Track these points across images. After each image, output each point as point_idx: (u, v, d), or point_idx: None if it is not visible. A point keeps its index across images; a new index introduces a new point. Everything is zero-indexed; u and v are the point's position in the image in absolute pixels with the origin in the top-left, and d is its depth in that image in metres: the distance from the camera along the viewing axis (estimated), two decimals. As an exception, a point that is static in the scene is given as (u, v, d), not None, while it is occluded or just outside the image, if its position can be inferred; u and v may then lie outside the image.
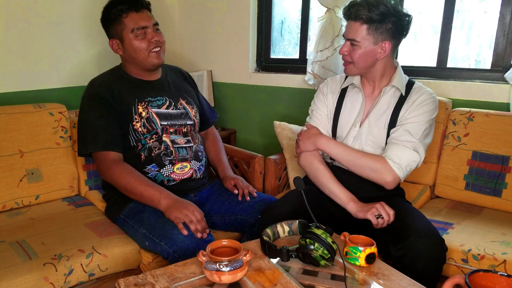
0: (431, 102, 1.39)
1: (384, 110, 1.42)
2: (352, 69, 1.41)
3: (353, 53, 1.37)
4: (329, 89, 1.53)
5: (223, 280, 1.00)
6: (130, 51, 1.50)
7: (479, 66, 1.96)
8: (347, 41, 1.38)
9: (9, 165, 1.63)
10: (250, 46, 2.43)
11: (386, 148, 1.38)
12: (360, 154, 1.40)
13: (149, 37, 1.49)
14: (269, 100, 2.42)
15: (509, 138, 1.61)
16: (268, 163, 1.88)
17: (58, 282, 1.25)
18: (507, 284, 0.89)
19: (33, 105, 1.74)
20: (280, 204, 1.44)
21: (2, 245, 1.35)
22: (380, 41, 1.34)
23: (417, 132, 1.36)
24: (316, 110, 1.54)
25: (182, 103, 1.63)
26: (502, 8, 1.74)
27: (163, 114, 1.55)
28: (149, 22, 1.50)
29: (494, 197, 1.62)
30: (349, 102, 1.49)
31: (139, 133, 1.51)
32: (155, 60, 1.52)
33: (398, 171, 1.33)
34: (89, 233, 1.44)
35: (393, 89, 1.42)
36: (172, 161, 1.53)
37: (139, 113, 1.51)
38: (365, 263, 1.10)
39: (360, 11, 1.31)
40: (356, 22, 1.33)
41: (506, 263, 1.25)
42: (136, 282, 1.02)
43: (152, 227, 1.36)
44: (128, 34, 1.48)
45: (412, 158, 1.34)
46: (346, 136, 1.47)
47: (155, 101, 1.56)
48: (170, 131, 1.55)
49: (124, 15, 1.47)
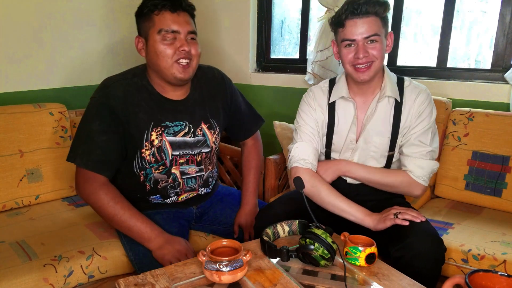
0: (429, 103, 1.35)
1: (382, 119, 1.37)
2: (374, 69, 1.29)
3: (375, 51, 1.27)
4: (316, 102, 1.43)
5: (223, 280, 1.00)
6: (152, 54, 1.28)
7: (479, 66, 1.96)
8: (361, 42, 1.26)
9: (9, 165, 1.63)
10: (250, 46, 2.43)
11: (405, 163, 1.36)
12: (383, 173, 1.38)
13: (178, 45, 1.26)
14: (269, 100, 2.42)
15: (509, 138, 1.61)
16: (268, 163, 1.88)
17: (57, 283, 1.25)
18: (507, 284, 0.89)
19: (33, 105, 1.74)
20: (276, 205, 1.42)
21: (2, 245, 1.35)
22: (387, 32, 1.31)
23: (426, 139, 1.34)
24: (304, 126, 1.43)
25: (203, 128, 1.43)
26: (502, 8, 1.74)
27: (177, 143, 1.37)
28: (183, 28, 1.27)
29: (494, 197, 1.62)
30: (341, 115, 1.41)
31: (146, 161, 1.35)
32: (178, 74, 1.28)
33: (424, 182, 1.34)
34: (90, 234, 1.44)
35: (387, 98, 1.36)
36: (178, 193, 1.43)
37: (151, 140, 1.33)
38: (365, 263, 1.10)
39: (371, 4, 1.24)
40: (369, 17, 1.25)
41: (506, 263, 1.24)
42: (136, 282, 1.02)
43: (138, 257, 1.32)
44: (154, 34, 1.26)
45: (433, 167, 1.35)
46: (343, 150, 1.42)
47: (172, 127, 1.36)
48: (180, 162, 1.39)
49: (156, 12, 1.25)
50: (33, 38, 1.92)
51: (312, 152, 1.41)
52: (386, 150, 1.39)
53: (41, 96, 1.96)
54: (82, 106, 2.00)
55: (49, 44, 1.98)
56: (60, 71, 2.04)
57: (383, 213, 1.28)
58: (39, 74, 1.96)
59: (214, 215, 1.56)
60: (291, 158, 1.43)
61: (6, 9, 1.81)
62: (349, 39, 1.27)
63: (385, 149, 1.39)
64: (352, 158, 1.41)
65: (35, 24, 1.91)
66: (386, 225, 1.24)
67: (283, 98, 2.36)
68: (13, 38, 1.85)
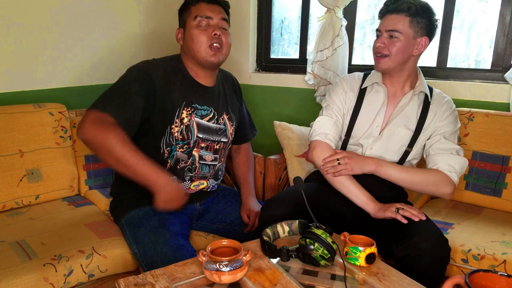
0: (455, 110, 1.45)
1: (410, 114, 1.44)
2: (387, 62, 1.39)
3: (391, 46, 1.36)
4: (349, 86, 1.50)
5: (223, 280, 1.00)
6: (188, 40, 1.41)
7: (479, 66, 1.96)
8: (384, 34, 1.38)
9: (9, 165, 1.63)
10: (250, 46, 2.43)
11: (435, 161, 1.38)
12: (414, 171, 1.39)
13: (210, 30, 1.38)
14: (269, 100, 2.42)
15: (509, 138, 1.61)
16: (268, 163, 1.88)
17: (58, 283, 1.25)
18: (507, 284, 0.89)
19: (33, 105, 1.74)
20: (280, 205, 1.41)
21: (2, 245, 1.35)
22: (419, 35, 1.36)
23: (453, 139, 1.41)
24: (332, 105, 1.50)
25: (225, 118, 1.54)
26: (502, 8, 1.74)
27: (202, 126, 1.46)
28: (216, 15, 1.41)
29: (494, 197, 1.62)
30: (368, 102, 1.47)
31: (173, 138, 1.42)
32: (210, 57, 1.39)
33: (456, 179, 1.36)
34: (89, 234, 1.44)
35: (419, 94, 1.44)
36: (192, 178, 1.49)
37: (182, 118, 1.41)
38: (365, 263, 1.10)
39: (404, 3, 1.33)
40: (399, 14, 1.34)
41: (506, 263, 1.25)
42: (136, 282, 1.02)
43: (143, 250, 1.33)
44: (190, 20, 1.40)
45: (464, 163, 1.38)
46: (364, 135, 1.46)
47: (200, 110, 1.46)
48: (201, 145, 1.47)
49: (194, 2, 1.41)
50: (33, 38, 1.92)
51: (334, 127, 1.47)
52: (407, 142, 1.43)
53: (41, 96, 1.95)
54: (82, 106, 2.01)
55: (50, 44, 1.97)
56: (60, 71, 2.04)
57: (386, 205, 1.32)
58: (39, 74, 1.96)
59: (215, 212, 1.58)
60: (312, 131, 1.49)
61: (6, 9, 1.81)
62: (378, 29, 1.41)
63: (407, 141, 1.43)
64: (372, 146, 1.44)
65: (35, 24, 1.91)
66: (385, 215, 1.29)
67: (283, 98, 2.36)
68: (13, 38, 1.85)
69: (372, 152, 1.45)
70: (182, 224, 1.43)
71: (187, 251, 1.29)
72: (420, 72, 1.48)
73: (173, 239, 1.32)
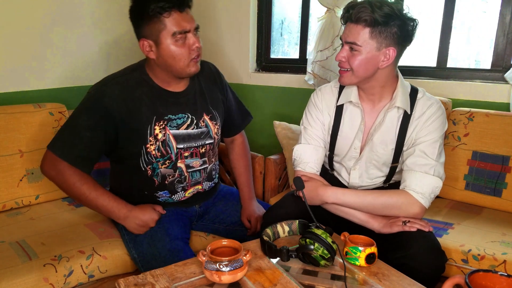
0: (440, 116, 1.29)
1: (388, 129, 1.32)
2: (350, 77, 1.26)
3: (352, 59, 1.23)
4: (324, 104, 1.39)
5: (223, 280, 1.00)
6: (167, 57, 1.29)
7: (479, 66, 1.96)
8: (345, 46, 1.24)
9: (9, 165, 1.63)
10: (250, 46, 2.43)
11: (404, 177, 1.26)
12: (376, 194, 1.27)
13: (190, 43, 1.29)
14: (269, 100, 2.42)
15: (509, 138, 1.60)
16: (268, 163, 1.88)
17: (58, 283, 1.25)
18: (507, 284, 0.89)
19: (33, 105, 1.74)
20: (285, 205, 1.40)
21: (2, 245, 1.35)
22: (384, 46, 1.21)
23: (432, 152, 1.25)
24: (309, 128, 1.41)
25: (206, 119, 1.46)
26: (502, 8, 1.74)
27: (181, 136, 1.39)
28: (191, 25, 1.29)
29: (494, 197, 1.62)
30: (347, 120, 1.37)
31: (152, 156, 1.36)
32: (193, 69, 1.33)
33: (423, 200, 1.22)
34: (89, 234, 1.44)
35: (396, 108, 1.30)
36: (185, 188, 1.46)
37: (155, 135, 1.35)
38: (365, 263, 1.10)
39: (362, 12, 1.17)
40: (358, 24, 1.19)
41: (506, 263, 1.24)
42: (136, 282, 1.02)
43: (142, 254, 1.34)
44: (167, 37, 1.26)
45: (435, 185, 1.24)
46: (346, 157, 1.39)
47: (175, 120, 1.38)
48: (184, 155, 1.41)
49: (166, 14, 1.24)
50: (33, 38, 1.92)
51: (314, 153, 1.39)
52: (389, 160, 1.35)
53: (41, 96, 1.96)
54: (82, 106, 2.01)
55: (50, 44, 1.97)
56: (60, 71, 2.04)
57: (389, 218, 1.25)
58: (39, 74, 1.96)
59: (216, 213, 1.58)
60: (294, 160, 1.42)
61: (6, 9, 1.81)
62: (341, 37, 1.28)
63: (388, 159, 1.35)
64: (354, 167, 1.39)
65: (35, 25, 1.91)
66: (392, 230, 1.22)
67: (283, 98, 2.36)
68: (13, 38, 1.85)
69: (356, 172, 1.39)
70: (181, 227, 1.42)
71: (185, 255, 1.28)
72: (400, 79, 1.32)
73: (172, 243, 1.32)
